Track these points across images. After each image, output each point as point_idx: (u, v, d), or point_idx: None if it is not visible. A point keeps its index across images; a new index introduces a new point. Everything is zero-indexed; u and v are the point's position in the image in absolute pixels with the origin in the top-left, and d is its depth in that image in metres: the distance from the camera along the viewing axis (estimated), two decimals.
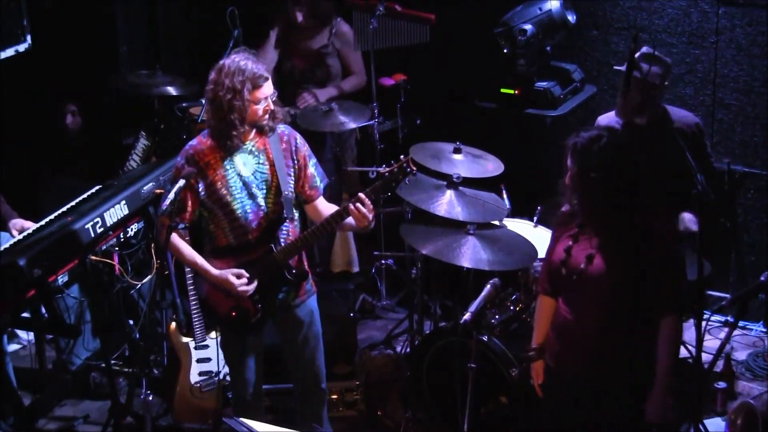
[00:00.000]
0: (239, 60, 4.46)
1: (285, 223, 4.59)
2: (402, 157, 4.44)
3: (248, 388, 4.82)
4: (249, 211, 4.55)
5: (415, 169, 4.43)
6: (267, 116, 4.51)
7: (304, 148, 4.64)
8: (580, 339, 3.98)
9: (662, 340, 3.92)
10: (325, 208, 4.69)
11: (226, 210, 4.55)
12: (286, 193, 4.55)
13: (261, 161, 4.56)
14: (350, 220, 4.49)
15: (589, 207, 3.91)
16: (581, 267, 3.93)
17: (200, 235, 4.69)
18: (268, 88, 4.48)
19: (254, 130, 4.55)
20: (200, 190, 4.54)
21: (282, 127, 4.63)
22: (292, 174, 4.59)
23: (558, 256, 4.02)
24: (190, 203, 4.55)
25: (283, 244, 4.59)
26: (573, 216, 4.03)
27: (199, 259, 4.60)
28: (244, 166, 4.54)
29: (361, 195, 4.42)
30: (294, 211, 4.61)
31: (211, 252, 4.63)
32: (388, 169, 4.43)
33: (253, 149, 4.56)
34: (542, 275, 4.24)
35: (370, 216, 4.46)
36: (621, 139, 3.93)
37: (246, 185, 4.54)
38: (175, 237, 4.57)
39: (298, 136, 4.66)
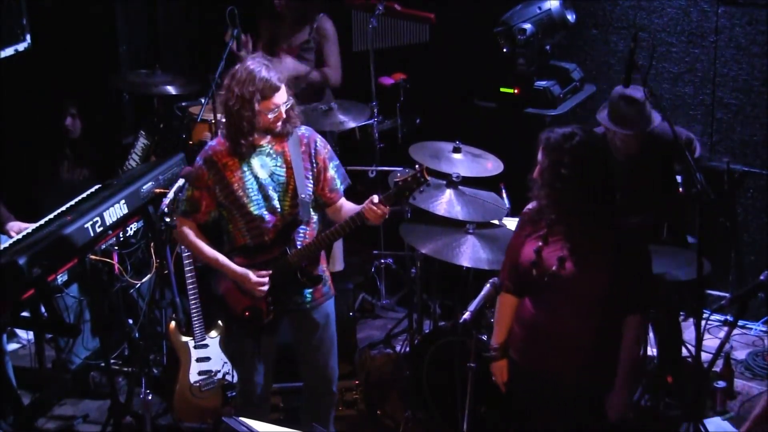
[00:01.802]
0: (251, 67, 4.43)
1: (301, 226, 4.58)
2: (417, 166, 4.41)
3: (256, 390, 4.81)
4: (265, 212, 4.55)
5: (429, 178, 4.39)
6: (280, 123, 4.49)
7: (324, 150, 4.62)
8: (554, 338, 3.99)
9: (626, 340, 3.95)
10: (349, 209, 4.64)
11: (243, 211, 4.55)
12: (303, 196, 4.54)
13: (278, 164, 4.55)
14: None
15: (557, 203, 3.92)
16: (553, 269, 3.94)
17: (220, 234, 4.70)
18: (279, 97, 4.44)
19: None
20: (217, 191, 4.55)
21: (303, 129, 4.62)
22: (311, 177, 4.57)
23: (528, 258, 4.01)
24: (204, 203, 4.57)
25: (298, 247, 4.59)
26: (541, 213, 4.02)
27: (220, 255, 4.61)
28: (261, 168, 4.54)
29: (375, 201, 4.39)
30: (312, 214, 4.60)
31: (229, 252, 4.64)
32: (401, 177, 4.40)
33: (271, 151, 4.56)
34: (505, 273, 4.21)
35: (386, 214, 4.45)
36: (594, 139, 3.94)
37: (262, 187, 4.54)
38: (191, 234, 4.61)
39: (319, 138, 4.64)
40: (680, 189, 5.27)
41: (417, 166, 4.40)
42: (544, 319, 4.00)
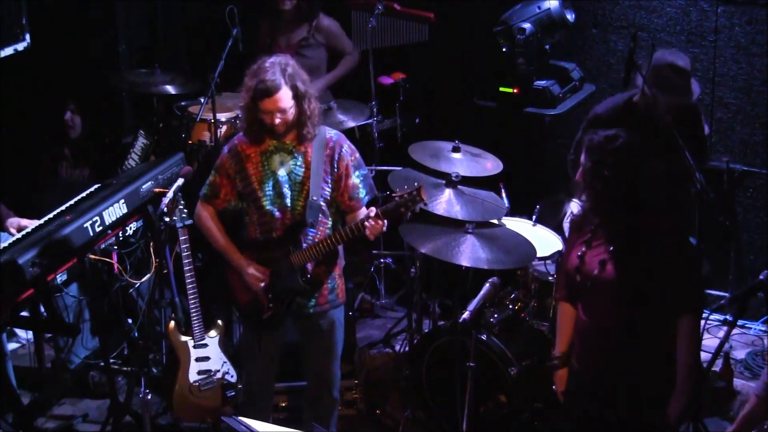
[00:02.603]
0: (264, 65, 4.47)
1: (310, 228, 4.59)
2: (416, 183, 4.40)
3: (256, 385, 4.88)
4: (276, 209, 4.60)
5: (425, 199, 4.37)
6: (280, 128, 4.49)
7: (350, 157, 4.62)
8: (600, 343, 3.97)
9: (681, 340, 3.90)
10: None
11: (257, 204, 4.62)
12: (314, 198, 4.55)
13: (298, 163, 4.58)
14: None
15: (599, 205, 3.91)
16: (595, 273, 3.93)
17: (242, 226, 4.78)
18: (272, 103, 4.42)
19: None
20: (237, 181, 4.63)
21: (332, 133, 4.64)
22: (330, 181, 4.58)
23: (572, 263, 4.02)
24: (223, 191, 4.67)
25: (303, 248, 4.60)
26: (585, 219, 4.02)
27: (230, 244, 4.71)
28: (281, 165, 4.58)
29: (372, 214, 4.40)
30: (323, 218, 4.61)
31: (242, 244, 4.71)
32: (399, 193, 4.39)
33: (293, 150, 4.59)
34: (559, 282, 4.23)
35: (384, 229, 4.45)
36: (637, 141, 3.93)
37: (277, 184, 4.58)
38: (208, 219, 4.71)
39: (347, 145, 4.64)
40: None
41: (416, 183, 4.40)
42: (591, 324, 3.99)
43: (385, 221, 4.42)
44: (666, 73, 4.97)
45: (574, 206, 5.08)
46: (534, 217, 5.54)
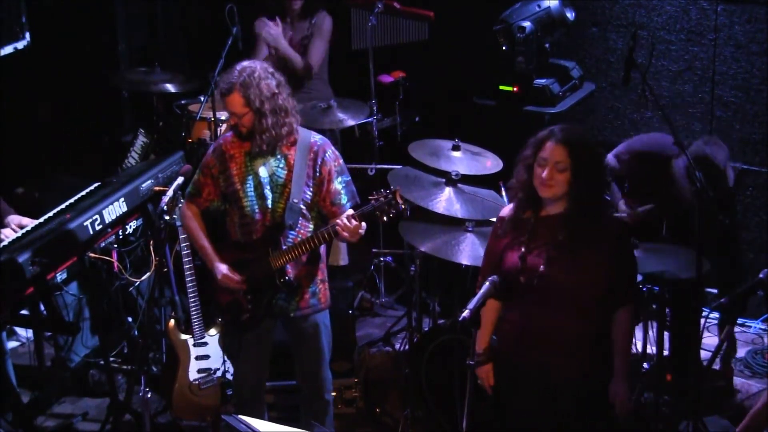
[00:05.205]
0: (235, 66, 4.55)
1: (290, 231, 4.59)
2: (392, 187, 4.38)
3: (245, 385, 4.87)
4: (257, 210, 4.60)
5: (401, 202, 4.34)
6: (241, 128, 4.53)
7: (333, 163, 4.62)
8: (546, 337, 4.00)
9: (620, 331, 4.02)
10: None
11: (238, 205, 4.62)
12: (295, 201, 4.56)
13: (281, 165, 4.59)
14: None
15: (577, 202, 3.93)
16: (540, 270, 3.95)
17: (224, 229, 4.78)
18: (226, 104, 4.53)
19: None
20: (221, 181, 4.65)
21: (316, 138, 4.65)
22: (311, 185, 4.59)
23: (513, 265, 4.02)
24: (206, 190, 4.69)
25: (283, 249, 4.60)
26: (519, 219, 4.03)
27: (208, 245, 4.70)
28: (263, 167, 4.60)
29: (350, 217, 4.40)
30: (304, 221, 4.61)
31: (222, 245, 4.71)
32: (376, 196, 4.37)
33: (277, 152, 4.59)
34: (486, 277, 4.19)
35: (361, 232, 4.43)
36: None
37: (259, 185, 4.59)
38: (191, 219, 4.72)
39: (331, 150, 4.64)
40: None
41: (392, 187, 4.39)
42: (537, 319, 4.02)
43: (363, 223, 4.40)
44: (701, 167, 5.02)
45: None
46: None
